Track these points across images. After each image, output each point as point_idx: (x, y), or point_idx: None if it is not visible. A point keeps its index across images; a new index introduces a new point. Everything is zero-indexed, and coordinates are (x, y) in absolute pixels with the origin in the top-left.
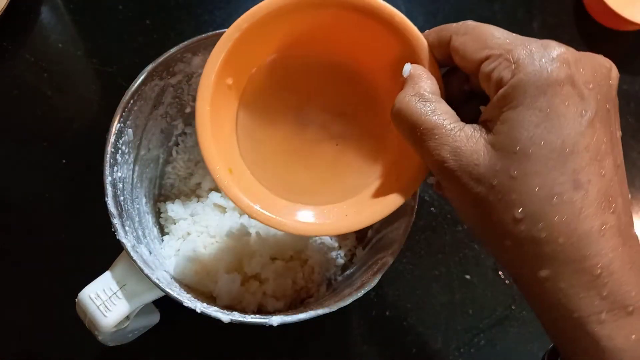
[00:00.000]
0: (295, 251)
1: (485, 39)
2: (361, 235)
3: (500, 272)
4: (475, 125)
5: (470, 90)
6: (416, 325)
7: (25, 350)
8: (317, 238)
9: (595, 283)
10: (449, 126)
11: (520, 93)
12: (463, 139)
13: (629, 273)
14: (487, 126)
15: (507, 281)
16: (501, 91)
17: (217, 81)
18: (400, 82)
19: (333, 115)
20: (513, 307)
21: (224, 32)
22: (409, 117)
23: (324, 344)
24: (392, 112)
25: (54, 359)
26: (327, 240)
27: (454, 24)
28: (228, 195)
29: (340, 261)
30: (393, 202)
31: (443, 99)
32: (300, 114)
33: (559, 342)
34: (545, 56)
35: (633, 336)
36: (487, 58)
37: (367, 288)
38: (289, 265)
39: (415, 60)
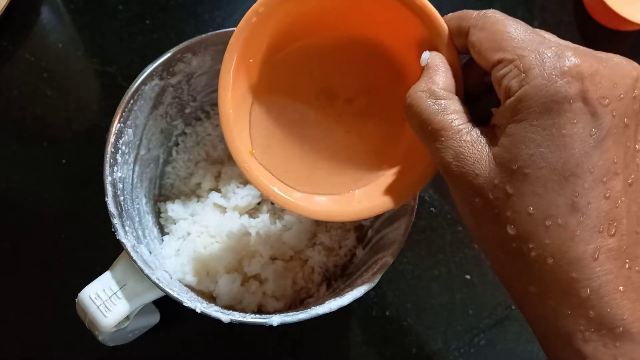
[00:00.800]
0: (295, 251)
1: (500, 39)
2: (361, 235)
3: None
4: (483, 129)
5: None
6: (416, 325)
7: (26, 351)
8: (316, 238)
9: (582, 304)
10: (456, 127)
11: (525, 107)
12: (468, 144)
13: (621, 296)
14: (494, 133)
15: None
16: (508, 102)
17: (238, 63)
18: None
19: (357, 92)
20: (513, 307)
21: (224, 32)
22: (419, 114)
23: (324, 344)
24: (404, 105)
25: (54, 359)
26: (327, 240)
27: (475, 13)
28: (249, 177)
29: (340, 261)
30: (406, 192)
31: (461, 91)
32: (321, 93)
33: (548, 353)
34: (556, 68)
35: (620, 358)
36: (499, 62)
37: (367, 288)
38: (289, 265)
39: (435, 45)
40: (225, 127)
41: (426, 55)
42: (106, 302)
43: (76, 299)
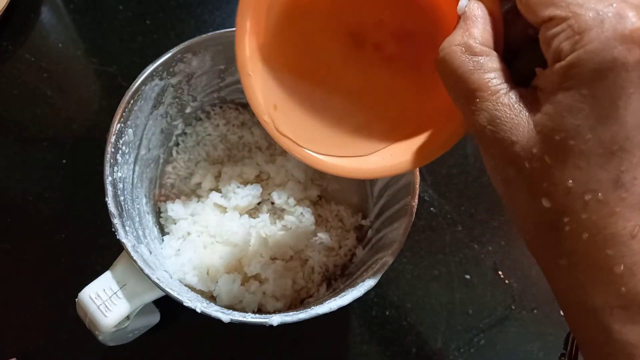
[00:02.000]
0: (295, 251)
1: None
2: (361, 235)
3: (500, 272)
4: (524, 91)
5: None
6: (416, 325)
7: (26, 350)
8: (316, 238)
9: (614, 280)
10: (493, 88)
11: (577, 74)
12: (505, 107)
13: None
14: (536, 97)
15: (507, 281)
16: (557, 65)
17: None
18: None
19: (387, 36)
20: (513, 307)
21: (224, 32)
22: (452, 71)
23: (324, 344)
24: (437, 60)
25: (54, 359)
26: (327, 240)
27: None
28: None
29: (340, 261)
30: (433, 152)
31: (500, 45)
32: (348, 38)
33: (573, 327)
34: (616, 31)
35: None
36: (550, 19)
37: (367, 288)
38: (289, 265)
39: None
40: (245, 83)
41: (464, 2)
42: (106, 302)
43: (76, 299)
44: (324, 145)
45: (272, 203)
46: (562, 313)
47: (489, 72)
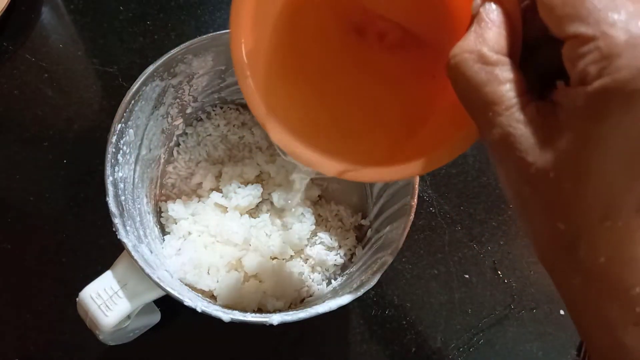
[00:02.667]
0: (295, 251)
1: (579, 3)
2: (361, 235)
3: (499, 272)
4: (542, 104)
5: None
6: (415, 324)
7: (26, 350)
8: (316, 237)
9: (629, 301)
10: (507, 102)
11: (603, 103)
12: (521, 124)
13: None
14: (556, 114)
15: (506, 280)
16: (582, 90)
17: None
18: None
19: (394, 24)
20: (512, 307)
21: (225, 33)
22: (464, 81)
23: (324, 344)
24: (447, 66)
25: (54, 359)
26: (327, 240)
27: None
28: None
29: (340, 261)
30: (443, 156)
31: (518, 49)
32: (350, 29)
33: (584, 337)
34: None
35: None
36: (575, 37)
37: (367, 287)
38: (289, 265)
39: None
40: (244, 86)
41: (477, 1)
42: (107, 301)
43: (77, 299)
44: (326, 148)
45: (272, 203)
46: (562, 312)
47: (504, 83)
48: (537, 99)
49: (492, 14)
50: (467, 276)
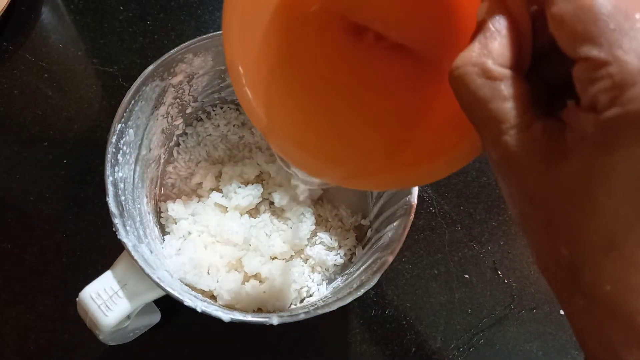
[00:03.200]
0: (295, 251)
1: (591, 22)
2: (361, 235)
3: (499, 272)
4: (548, 123)
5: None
6: (415, 324)
7: (26, 350)
8: (317, 237)
9: (634, 326)
10: (512, 120)
11: (614, 136)
12: (524, 145)
13: None
14: (564, 135)
15: (506, 280)
16: (592, 117)
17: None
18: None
19: (395, 23)
20: (512, 307)
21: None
22: (467, 94)
23: (324, 344)
24: (450, 76)
25: (54, 359)
26: (327, 239)
27: None
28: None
29: (340, 261)
30: (445, 168)
31: (527, 59)
32: (347, 26)
33: (587, 353)
34: None
35: None
36: (585, 59)
37: (367, 287)
38: (289, 265)
39: None
40: (240, 95)
41: (483, 8)
42: (107, 301)
43: (77, 299)
44: (328, 155)
45: (272, 203)
46: (562, 312)
47: (508, 100)
48: (544, 114)
49: (498, 22)
50: (467, 276)
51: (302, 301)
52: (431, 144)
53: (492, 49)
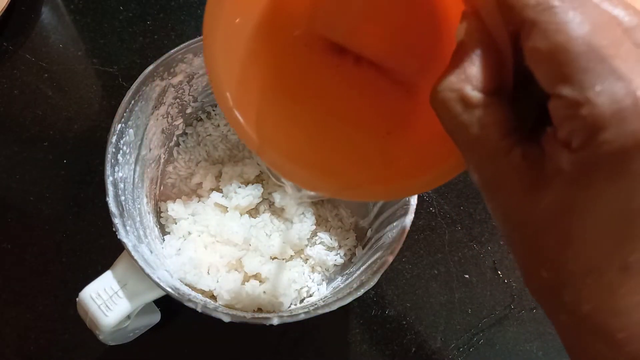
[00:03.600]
0: (295, 251)
1: (565, 62)
2: (361, 235)
3: (499, 272)
4: (528, 149)
5: None
6: (415, 324)
7: (26, 350)
8: (317, 237)
9: (615, 342)
10: (490, 148)
11: (587, 175)
12: (503, 171)
13: None
14: (543, 162)
15: (506, 280)
16: (566, 154)
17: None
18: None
19: (373, 45)
20: (512, 307)
21: None
22: (447, 119)
23: (323, 344)
24: (430, 98)
25: (54, 359)
26: (327, 239)
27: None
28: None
29: (340, 261)
30: (435, 179)
31: (507, 83)
32: (329, 47)
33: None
34: (637, 136)
35: None
36: (558, 97)
37: (367, 287)
38: (289, 265)
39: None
40: (230, 117)
41: (462, 30)
42: (107, 301)
43: (77, 299)
44: (321, 168)
45: (273, 203)
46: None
47: (487, 127)
48: (526, 139)
49: (477, 45)
50: (467, 276)
51: (302, 301)
52: (426, 153)
53: (470, 74)
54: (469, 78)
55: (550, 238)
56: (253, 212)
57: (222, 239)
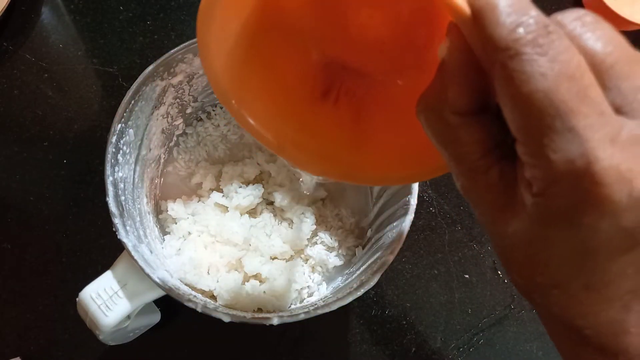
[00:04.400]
0: (295, 251)
1: (525, 112)
2: (361, 235)
3: (499, 272)
4: (506, 169)
5: None
6: (415, 324)
7: (26, 350)
8: (317, 237)
9: (583, 338)
10: (469, 164)
11: (545, 218)
12: (481, 187)
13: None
14: (517, 185)
15: (506, 280)
16: (527, 197)
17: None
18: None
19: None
20: (512, 307)
21: None
22: (430, 134)
23: (323, 344)
24: (416, 112)
25: (54, 359)
26: (327, 239)
27: (507, 36)
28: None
29: (340, 261)
30: (428, 172)
31: (489, 99)
32: (311, 55)
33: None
34: (584, 191)
35: None
36: (520, 143)
37: (367, 287)
38: (289, 265)
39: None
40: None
41: (444, 48)
42: (107, 301)
43: (77, 299)
44: (327, 154)
45: (273, 203)
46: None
47: (466, 145)
48: (505, 157)
49: (458, 65)
50: (467, 276)
51: (302, 301)
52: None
53: (449, 95)
54: (448, 100)
55: (520, 254)
56: (253, 212)
57: (222, 239)
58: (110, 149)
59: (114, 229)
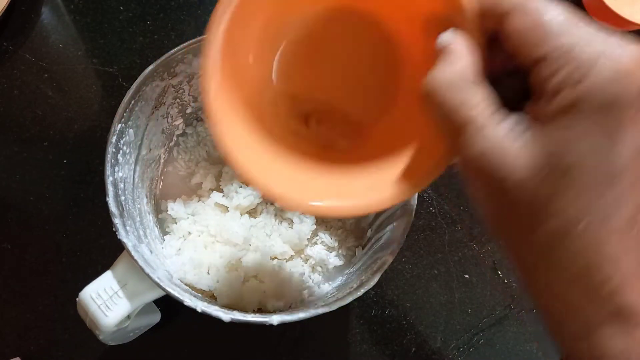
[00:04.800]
0: (295, 251)
1: (544, 32)
2: (361, 235)
3: (499, 272)
4: (515, 119)
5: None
6: (415, 324)
7: (26, 350)
8: (317, 237)
9: (605, 298)
10: (482, 121)
11: (579, 111)
12: (497, 139)
13: None
14: (529, 125)
15: (506, 280)
16: (558, 102)
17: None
18: (435, 49)
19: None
20: (512, 307)
21: None
22: (439, 106)
23: (323, 344)
24: (422, 93)
25: (54, 359)
26: (327, 239)
27: None
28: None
29: (340, 261)
30: (418, 182)
31: (484, 76)
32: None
33: (562, 344)
34: (612, 69)
35: (632, 342)
36: (543, 59)
37: (367, 287)
38: (289, 265)
39: (457, 23)
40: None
41: (446, 37)
42: (107, 301)
43: (77, 299)
44: (310, 192)
45: (273, 203)
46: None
47: (477, 105)
48: (511, 113)
49: (461, 48)
50: (467, 276)
51: (302, 301)
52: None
53: (458, 66)
54: (458, 69)
55: (548, 184)
56: (253, 212)
57: (222, 239)
58: (110, 149)
59: (114, 229)
